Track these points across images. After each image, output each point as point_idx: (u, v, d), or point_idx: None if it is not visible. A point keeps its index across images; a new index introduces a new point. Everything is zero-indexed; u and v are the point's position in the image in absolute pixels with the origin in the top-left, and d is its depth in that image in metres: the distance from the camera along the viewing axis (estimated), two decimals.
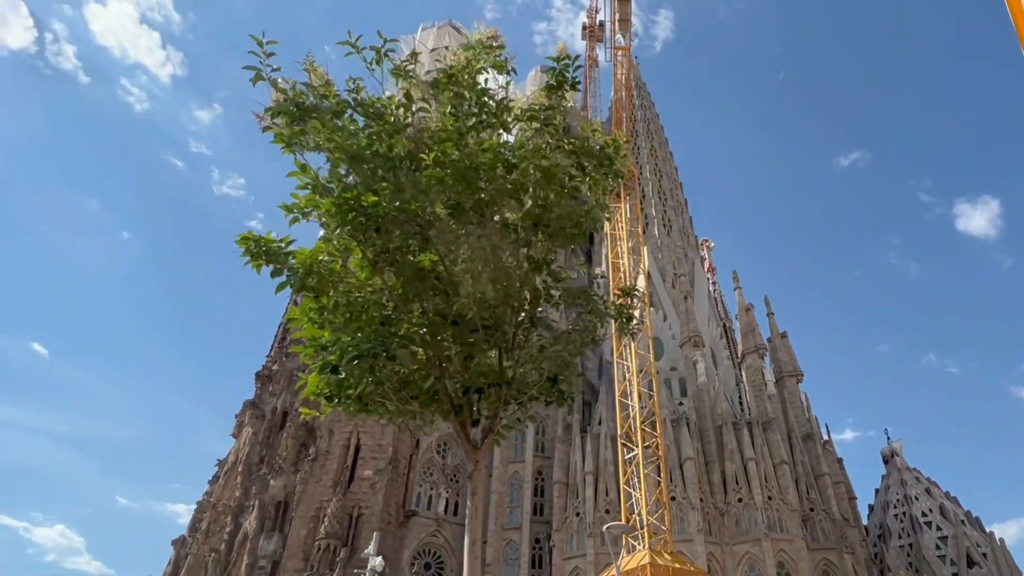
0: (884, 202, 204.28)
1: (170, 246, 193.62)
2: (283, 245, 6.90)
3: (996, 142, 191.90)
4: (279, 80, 6.58)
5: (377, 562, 21.83)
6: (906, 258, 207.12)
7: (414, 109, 7.01)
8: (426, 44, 76.11)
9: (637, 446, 32.95)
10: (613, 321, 8.04)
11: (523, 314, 7.30)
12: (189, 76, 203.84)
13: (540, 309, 7.54)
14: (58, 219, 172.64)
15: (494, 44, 7.43)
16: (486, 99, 7.19)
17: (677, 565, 28.86)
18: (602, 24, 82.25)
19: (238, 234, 6.82)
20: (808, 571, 37.07)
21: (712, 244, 65.70)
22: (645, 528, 30.19)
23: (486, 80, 7.44)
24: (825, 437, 46.51)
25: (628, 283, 39.29)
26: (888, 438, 50.87)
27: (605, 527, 19.67)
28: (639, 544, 30.00)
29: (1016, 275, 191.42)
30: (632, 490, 32.85)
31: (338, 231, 6.69)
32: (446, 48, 74.87)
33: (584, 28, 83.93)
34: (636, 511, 31.67)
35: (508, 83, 7.48)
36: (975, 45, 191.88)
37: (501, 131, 7.34)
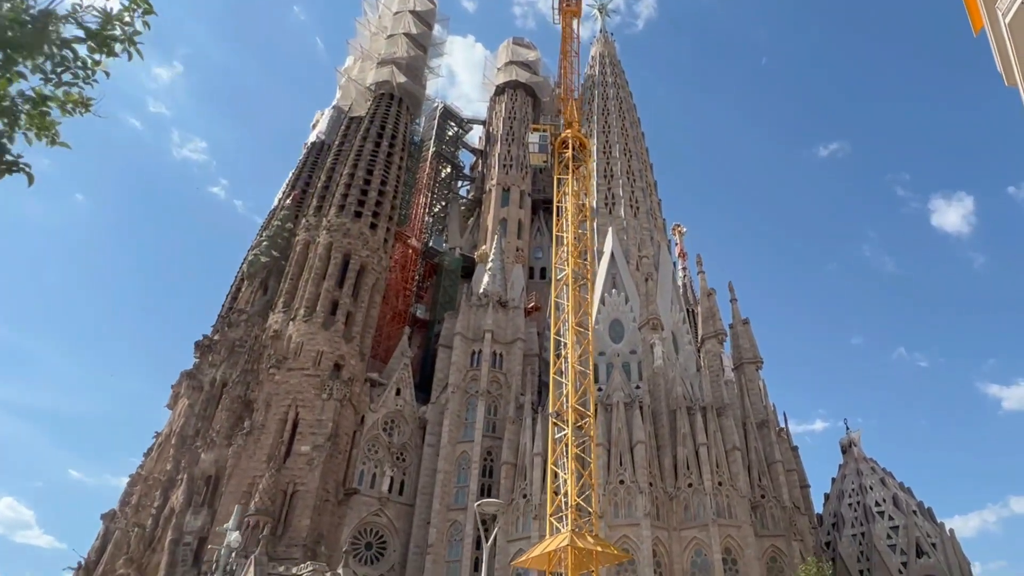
0: (861, 194, 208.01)
1: (126, 211, 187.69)
2: None
3: (972, 140, 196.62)
4: None
5: (233, 537, 20.58)
6: (881, 252, 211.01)
7: None
8: (390, 7, 74.34)
9: (567, 425, 32.21)
10: None
11: None
12: (149, 30, 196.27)
13: None
14: (6, 180, 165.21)
15: None
16: None
17: (599, 548, 28.30)
18: None
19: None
20: (755, 557, 36.90)
21: (684, 229, 65.51)
22: (569, 510, 29.52)
23: None
24: (781, 425, 46.59)
25: (577, 261, 38.38)
26: (847, 428, 51.33)
27: (476, 504, 18.84)
28: (563, 526, 29.41)
29: (987, 272, 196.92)
30: (560, 471, 32.19)
31: None
32: (411, 12, 73.18)
33: (562, 2, 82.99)
34: (562, 492, 30.97)
35: None
36: (955, 44, 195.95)
37: None
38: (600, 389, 46.32)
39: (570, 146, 43.04)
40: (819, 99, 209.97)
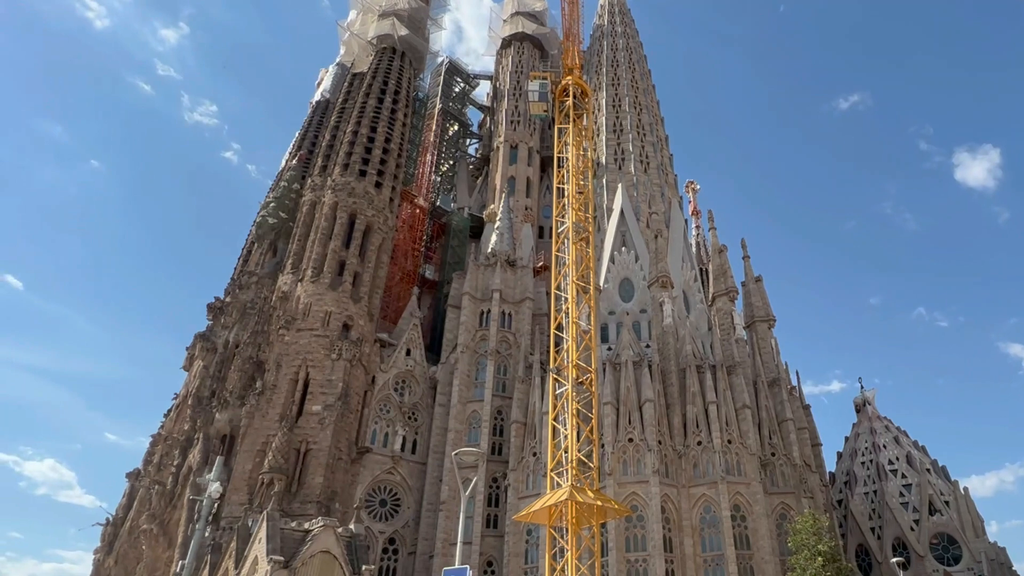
0: (882, 149, 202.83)
1: (141, 176, 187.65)
2: None
3: (1000, 90, 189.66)
4: None
5: (213, 488, 20.52)
6: (902, 208, 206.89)
7: None
8: None
9: (568, 381, 31.86)
10: None
11: None
12: None
13: None
14: (23, 146, 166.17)
15: None
16: None
17: (599, 503, 28.26)
18: None
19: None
20: (764, 514, 36.96)
21: (698, 187, 63.98)
22: (570, 464, 29.40)
23: None
24: (794, 384, 46.15)
25: (578, 213, 37.38)
26: (862, 387, 50.81)
27: (453, 452, 18.60)
28: (564, 482, 29.37)
29: (1012, 228, 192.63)
30: (560, 427, 32.00)
31: None
32: None
33: None
34: (562, 448, 30.85)
35: None
36: None
37: None
38: (610, 348, 46.02)
39: (571, 94, 41.55)
40: (839, 49, 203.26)
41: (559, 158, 40.84)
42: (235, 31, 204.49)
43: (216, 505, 46.04)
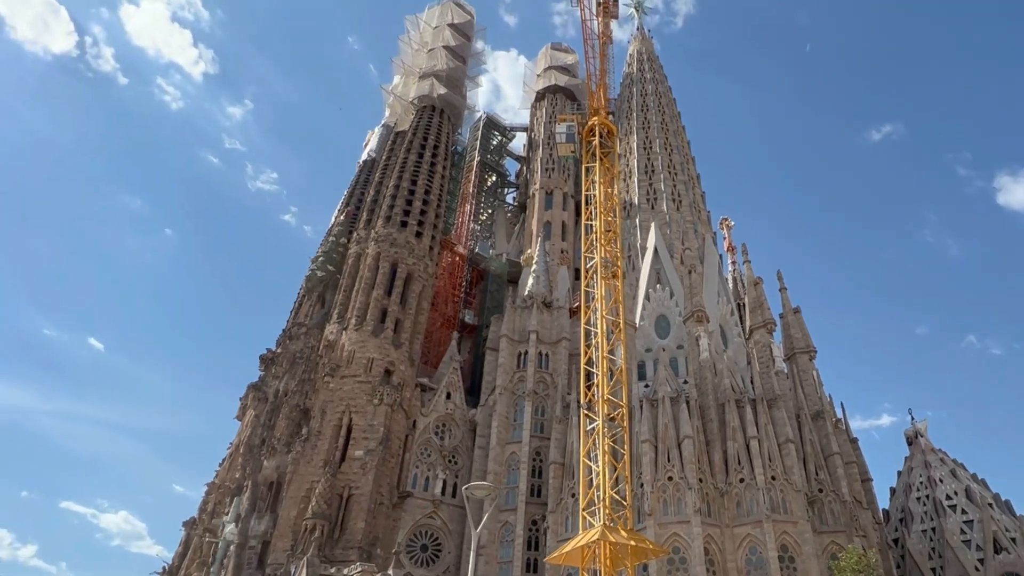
0: (919, 177, 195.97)
1: (209, 241, 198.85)
2: None
3: None
4: None
5: (228, 530, 20.74)
6: (943, 235, 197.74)
7: None
8: (430, 23, 75.47)
9: (598, 416, 31.13)
10: None
11: None
12: (220, 73, 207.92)
13: None
14: (106, 218, 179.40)
15: None
16: None
17: (633, 542, 27.11)
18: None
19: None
20: (813, 555, 34.74)
21: (732, 223, 63.09)
22: (602, 503, 28.45)
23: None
24: (839, 416, 43.90)
25: (607, 247, 37.38)
26: (912, 419, 47.89)
27: (464, 487, 18.31)
28: (596, 521, 28.36)
29: None
30: (592, 464, 31.11)
31: None
32: (449, 25, 74.11)
33: (598, 5, 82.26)
34: (594, 486, 29.94)
35: None
36: (1013, 7, 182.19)
37: None
38: (647, 386, 45.10)
39: (597, 133, 42.21)
40: (868, 81, 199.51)
41: (587, 196, 41.24)
42: (293, 103, 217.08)
43: (262, 551, 46.63)
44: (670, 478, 38.63)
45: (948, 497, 41.76)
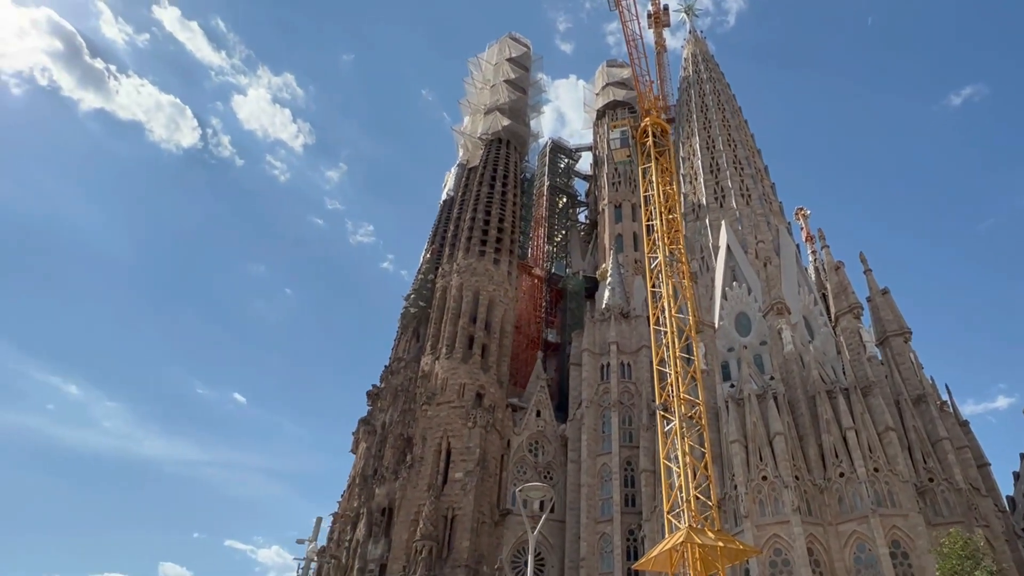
0: (1009, 139, 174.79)
1: (321, 296, 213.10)
2: None
3: None
4: None
5: (309, 549, 21.62)
6: None
7: None
8: (490, 61, 77.52)
9: (675, 416, 29.93)
10: None
11: None
12: (317, 142, 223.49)
13: None
14: (236, 284, 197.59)
15: None
16: None
17: (721, 543, 25.68)
18: (666, 7, 79.66)
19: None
20: (928, 549, 31.56)
21: (808, 212, 59.48)
22: (685, 505, 27.23)
23: None
24: (944, 399, 39.82)
25: (671, 246, 36.43)
26: None
27: (518, 489, 17.99)
28: (680, 523, 27.12)
29: None
30: (672, 465, 29.86)
31: None
32: (507, 60, 75.80)
33: (649, 16, 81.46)
34: (676, 488, 28.73)
35: None
36: None
37: None
38: (732, 386, 43.21)
39: (650, 133, 41.36)
40: (939, 45, 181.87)
41: (645, 197, 40.44)
42: (381, 158, 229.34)
43: (379, 573, 48.41)
44: (764, 477, 36.62)
45: None
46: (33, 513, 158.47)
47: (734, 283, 48.88)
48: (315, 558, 62.97)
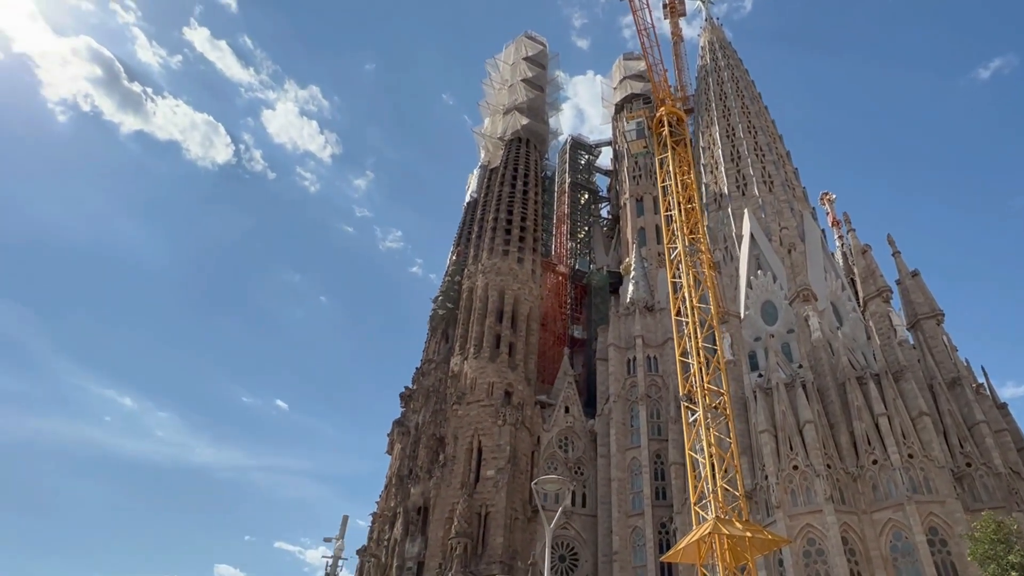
0: None
1: (353, 302, 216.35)
2: None
3: None
4: None
5: (337, 546, 22.02)
6: None
7: None
8: (507, 61, 77.47)
9: (699, 406, 29.50)
10: None
11: None
12: (344, 152, 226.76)
13: None
14: (274, 294, 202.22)
15: None
16: None
17: (750, 533, 25.23)
18: None
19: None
20: (968, 535, 30.58)
21: (833, 197, 57.93)
22: (712, 495, 26.83)
23: None
24: (980, 381, 38.42)
25: (690, 236, 35.88)
26: None
27: (533, 482, 17.90)
28: (708, 514, 26.73)
29: None
30: (699, 456, 29.43)
31: None
32: (524, 59, 75.65)
33: (665, 7, 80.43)
34: (702, 478, 28.31)
35: None
36: None
37: None
38: (760, 375, 42.48)
39: (665, 123, 40.70)
40: (964, 17, 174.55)
41: (663, 187, 39.93)
42: (406, 164, 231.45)
43: (418, 572, 48.95)
44: (795, 467, 35.91)
45: None
46: (97, 520, 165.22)
47: (759, 272, 48.01)
48: (343, 556, 64.11)
